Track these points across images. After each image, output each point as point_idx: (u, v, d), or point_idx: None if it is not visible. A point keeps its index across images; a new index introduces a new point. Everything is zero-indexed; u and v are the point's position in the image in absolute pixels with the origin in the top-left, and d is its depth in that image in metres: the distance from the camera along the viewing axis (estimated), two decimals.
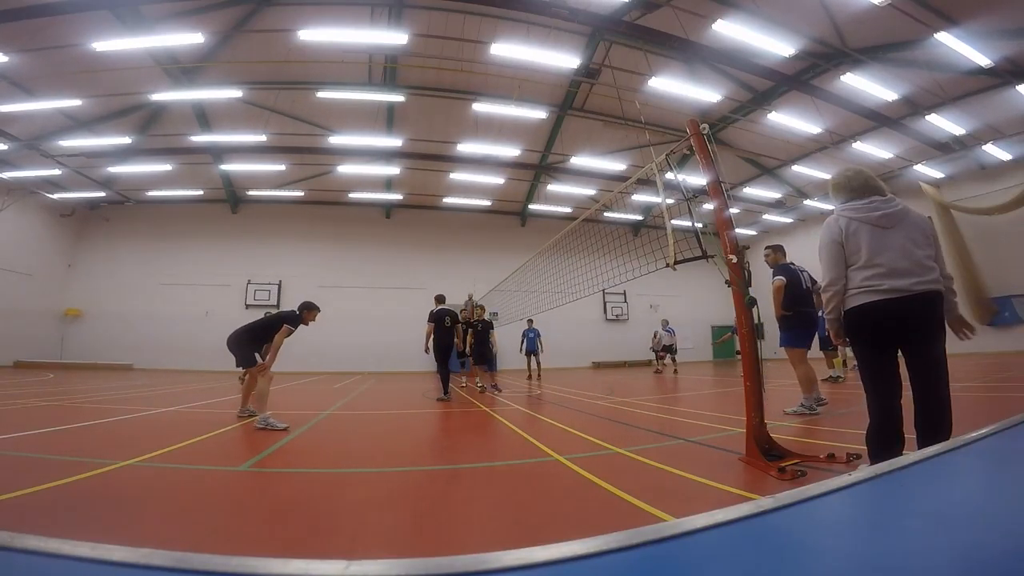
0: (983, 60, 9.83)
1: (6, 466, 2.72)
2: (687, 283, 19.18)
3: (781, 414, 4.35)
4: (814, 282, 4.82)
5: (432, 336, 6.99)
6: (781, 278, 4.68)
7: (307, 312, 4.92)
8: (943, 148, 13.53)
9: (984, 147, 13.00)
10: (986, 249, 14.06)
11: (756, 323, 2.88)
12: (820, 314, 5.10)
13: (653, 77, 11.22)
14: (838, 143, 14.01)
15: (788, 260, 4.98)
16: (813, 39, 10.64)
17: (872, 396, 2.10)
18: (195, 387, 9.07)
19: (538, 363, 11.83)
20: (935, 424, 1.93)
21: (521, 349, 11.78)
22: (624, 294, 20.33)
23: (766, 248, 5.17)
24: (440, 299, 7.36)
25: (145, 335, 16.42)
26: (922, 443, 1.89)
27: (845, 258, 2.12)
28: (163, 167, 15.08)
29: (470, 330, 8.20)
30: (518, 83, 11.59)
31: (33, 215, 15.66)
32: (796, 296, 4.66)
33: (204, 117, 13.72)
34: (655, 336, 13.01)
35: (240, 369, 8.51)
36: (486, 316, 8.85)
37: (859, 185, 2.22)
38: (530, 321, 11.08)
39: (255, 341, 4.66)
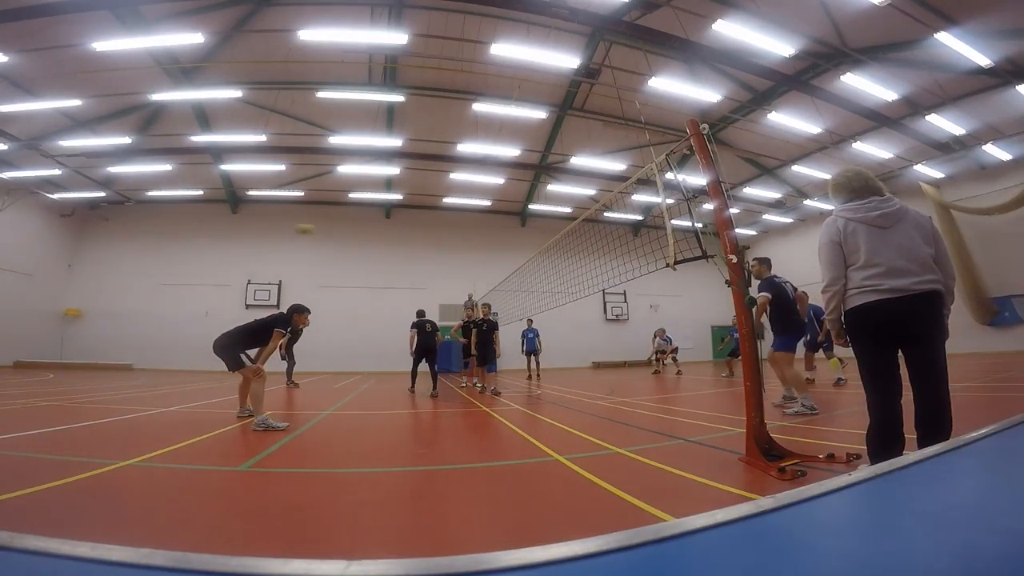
0: (983, 60, 9.83)
1: (6, 466, 2.72)
2: (687, 283, 19.18)
3: (781, 415, 4.35)
4: (795, 289, 5.08)
5: (416, 340, 7.68)
6: (767, 295, 4.84)
7: (297, 316, 4.85)
8: (943, 148, 13.53)
9: (984, 147, 13.00)
10: (986, 249, 14.06)
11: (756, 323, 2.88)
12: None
13: (653, 77, 11.22)
14: (838, 143, 14.01)
15: (771, 273, 5.06)
16: (813, 39, 10.64)
17: (872, 396, 2.10)
18: (195, 387, 9.07)
19: (537, 363, 11.83)
20: (936, 424, 1.93)
21: (522, 349, 11.77)
22: (624, 294, 20.33)
23: (753, 260, 5.21)
24: (420, 313, 7.98)
25: (145, 335, 16.42)
26: (923, 443, 1.90)
27: (844, 258, 2.12)
28: (163, 167, 15.07)
29: (475, 329, 8.01)
30: (518, 83, 11.59)
31: (33, 215, 15.66)
32: (785, 307, 4.87)
33: (204, 117, 13.72)
34: (654, 340, 13.00)
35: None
36: (490, 316, 8.56)
37: (859, 186, 2.23)
38: (529, 321, 11.06)
39: (243, 344, 4.57)
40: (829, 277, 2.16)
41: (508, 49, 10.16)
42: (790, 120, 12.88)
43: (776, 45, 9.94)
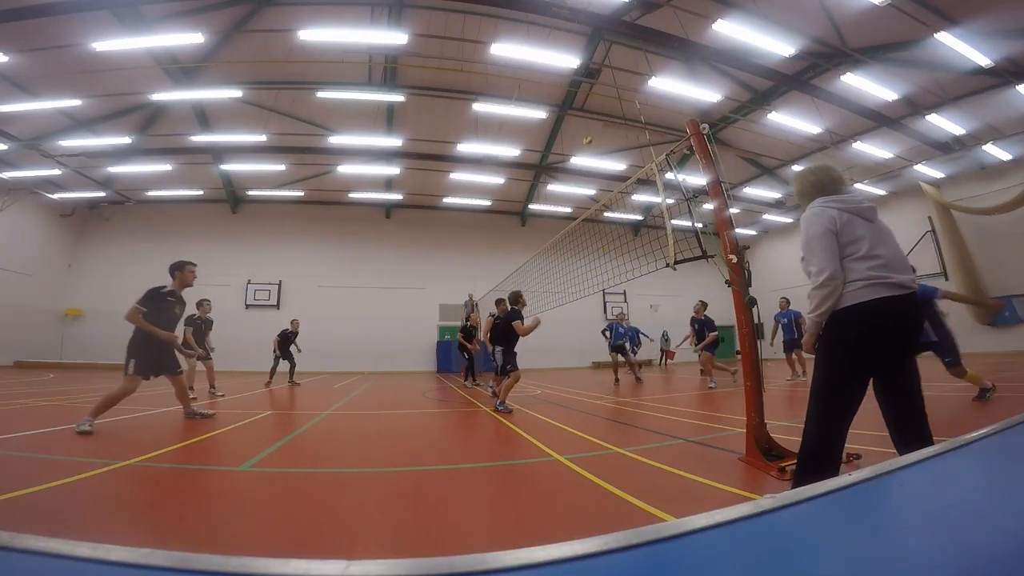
0: (983, 60, 9.83)
1: (6, 466, 2.72)
2: (687, 283, 19.16)
3: (779, 416, 4.35)
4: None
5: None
6: (716, 333, 8.18)
7: (178, 273, 4.34)
8: (943, 148, 13.53)
9: (984, 147, 12.99)
10: (986, 249, 14.05)
11: (756, 323, 2.88)
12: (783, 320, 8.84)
13: (653, 77, 11.22)
14: (838, 143, 14.01)
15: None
16: (813, 39, 10.64)
17: (828, 414, 1.79)
18: (194, 387, 9.05)
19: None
20: (925, 433, 1.80)
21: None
22: (624, 294, 20.31)
23: (699, 301, 8.64)
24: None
25: None
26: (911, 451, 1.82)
27: (839, 250, 1.84)
28: (163, 167, 15.07)
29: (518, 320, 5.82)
30: (518, 83, 11.59)
31: (33, 215, 15.66)
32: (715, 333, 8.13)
33: (204, 117, 13.72)
34: (664, 338, 12.69)
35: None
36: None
37: (840, 183, 2.06)
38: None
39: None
40: (830, 270, 1.78)
41: (508, 49, 10.15)
42: (790, 120, 12.87)
43: (776, 45, 9.93)
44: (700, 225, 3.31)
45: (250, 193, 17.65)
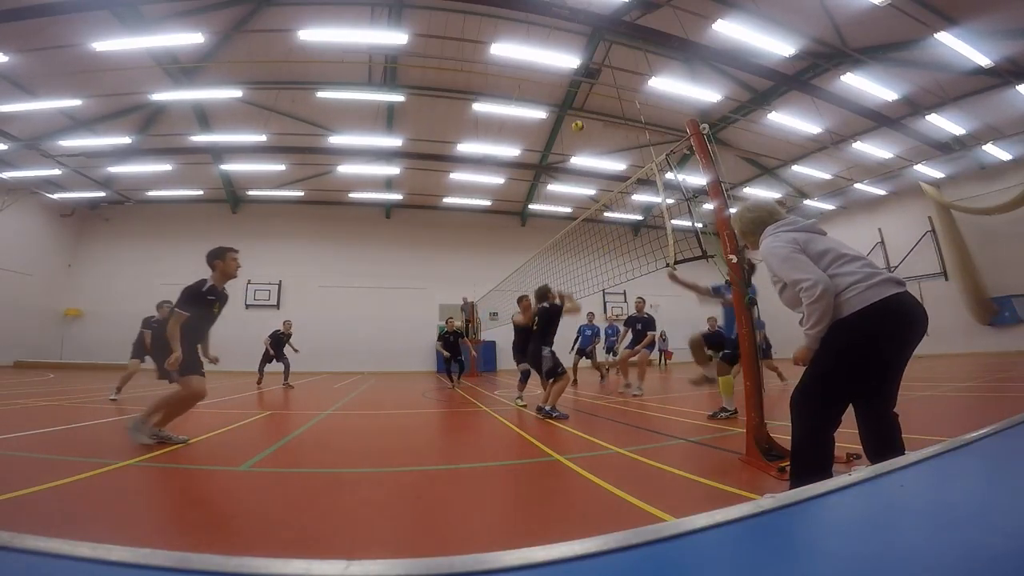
0: (983, 60, 9.83)
1: (6, 466, 2.72)
2: None
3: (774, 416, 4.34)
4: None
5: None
6: (654, 332, 7.55)
7: (218, 261, 3.66)
8: (943, 148, 13.53)
9: (984, 147, 13.00)
10: (986, 249, 14.06)
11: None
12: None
13: (653, 77, 11.22)
14: (838, 143, 14.01)
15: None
16: (813, 39, 10.64)
17: (818, 417, 1.71)
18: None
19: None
20: (898, 439, 1.78)
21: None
22: (624, 294, 20.30)
23: (638, 298, 7.88)
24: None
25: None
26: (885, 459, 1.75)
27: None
28: (163, 167, 15.08)
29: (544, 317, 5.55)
30: (518, 83, 11.59)
31: (33, 215, 15.66)
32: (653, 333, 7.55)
33: (204, 117, 13.72)
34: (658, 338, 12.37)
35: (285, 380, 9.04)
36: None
37: (776, 214, 2.07)
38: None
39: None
40: (824, 281, 1.67)
41: (508, 49, 10.16)
42: (790, 120, 12.87)
43: (776, 45, 9.94)
44: (700, 225, 3.31)
45: (250, 193, 17.65)
